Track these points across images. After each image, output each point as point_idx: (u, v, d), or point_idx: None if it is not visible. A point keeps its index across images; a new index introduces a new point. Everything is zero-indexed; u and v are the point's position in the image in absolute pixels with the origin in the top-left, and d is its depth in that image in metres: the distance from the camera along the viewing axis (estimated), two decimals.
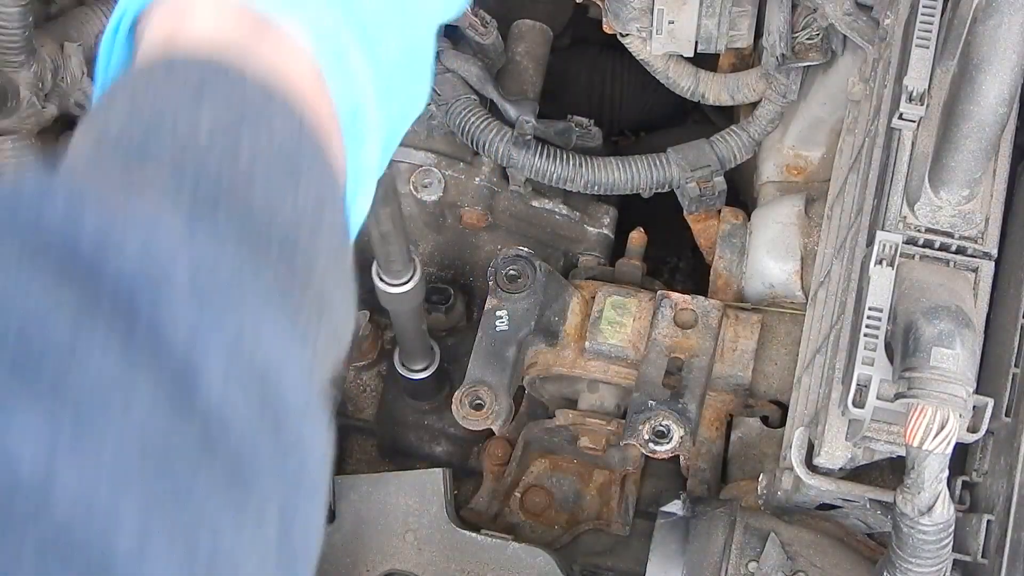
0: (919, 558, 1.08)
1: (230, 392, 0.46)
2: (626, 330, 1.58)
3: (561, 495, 1.73)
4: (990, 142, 1.11)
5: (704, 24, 1.59)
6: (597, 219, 1.82)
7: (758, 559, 1.31)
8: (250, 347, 0.48)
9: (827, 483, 1.25)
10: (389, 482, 1.65)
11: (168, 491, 0.42)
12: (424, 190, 1.70)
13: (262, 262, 0.50)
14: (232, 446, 0.45)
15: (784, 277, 1.65)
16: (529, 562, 1.58)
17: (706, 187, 1.67)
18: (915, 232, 1.18)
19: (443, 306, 1.72)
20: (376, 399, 1.83)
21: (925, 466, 1.04)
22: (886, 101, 1.29)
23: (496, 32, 1.75)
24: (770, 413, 1.61)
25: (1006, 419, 1.19)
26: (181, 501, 0.42)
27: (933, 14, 1.20)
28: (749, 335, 1.60)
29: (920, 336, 1.05)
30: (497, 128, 1.66)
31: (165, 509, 0.42)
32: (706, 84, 1.72)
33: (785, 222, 1.66)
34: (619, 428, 1.57)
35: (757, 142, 1.70)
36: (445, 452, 1.78)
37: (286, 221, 0.53)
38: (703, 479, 1.62)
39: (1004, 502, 1.16)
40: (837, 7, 1.46)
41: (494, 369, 1.54)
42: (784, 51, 1.56)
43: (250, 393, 0.47)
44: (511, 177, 1.73)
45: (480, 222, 1.74)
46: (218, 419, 0.45)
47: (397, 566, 1.61)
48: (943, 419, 1.02)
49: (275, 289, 0.50)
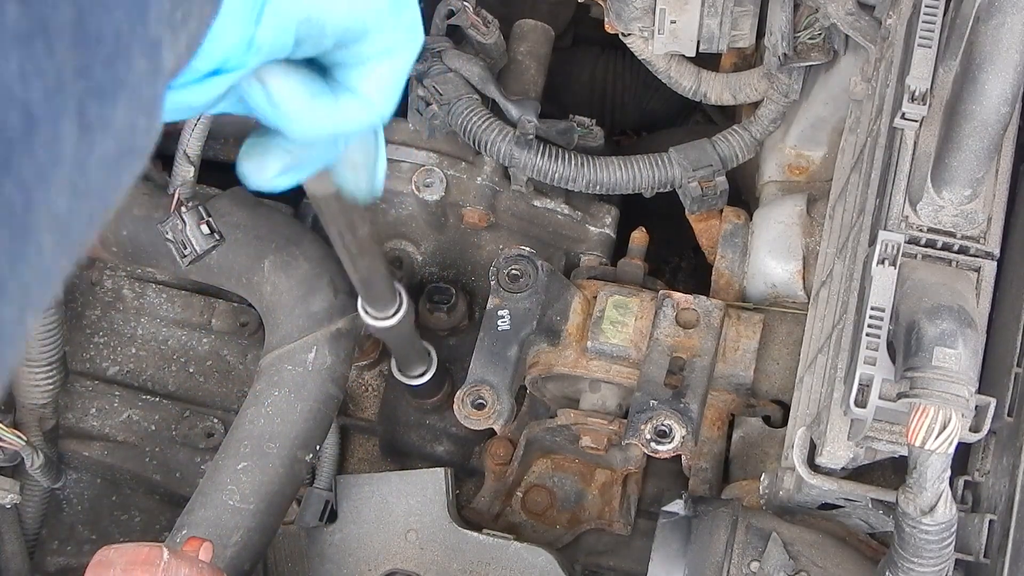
0: (921, 558, 1.08)
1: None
2: (628, 330, 1.58)
3: (563, 495, 1.73)
4: (992, 142, 1.11)
5: (706, 24, 1.59)
6: (599, 219, 1.82)
7: (760, 559, 1.31)
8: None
9: (829, 483, 1.25)
10: (391, 482, 1.65)
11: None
12: (426, 190, 1.71)
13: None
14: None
15: (786, 277, 1.65)
16: (531, 561, 1.58)
17: (708, 187, 1.67)
18: (917, 232, 1.18)
19: (445, 306, 1.73)
20: (378, 399, 1.84)
21: (927, 466, 1.04)
22: (888, 101, 1.29)
23: (498, 32, 1.75)
24: (772, 413, 1.61)
25: (1008, 419, 1.19)
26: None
27: (935, 14, 1.20)
28: (751, 335, 1.60)
29: (922, 336, 1.05)
30: (499, 128, 1.66)
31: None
32: (708, 84, 1.72)
33: (787, 222, 1.66)
34: (621, 428, 1.57)
35: (759, 142, 1.70)
36: (447, 452, 1.78)
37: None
38: (705, 479, 1.62)
39: (1006, 502, 1.16)
40: (839, 7, 1.46)
41: (496, 369, 1.54)
42: (786, 51, 1.56)
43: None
44: (513, 177, 1.73)
45: (482, 222, 1.74)
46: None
47: (399, 565, 1.61)
48: (945, 419, 1.02)
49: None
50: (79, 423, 1.80)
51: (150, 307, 1.86)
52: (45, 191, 0.46)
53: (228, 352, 1.85)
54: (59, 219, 0.47)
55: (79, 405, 1.81)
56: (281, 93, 0.72)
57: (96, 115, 0.48)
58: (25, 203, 0.44)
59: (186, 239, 1.51)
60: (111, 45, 0.48)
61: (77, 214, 0.49)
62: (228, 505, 1.51)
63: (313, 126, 0.73)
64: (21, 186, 0.44)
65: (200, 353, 1.85)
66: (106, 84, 0.48)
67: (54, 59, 0.45)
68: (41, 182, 0.45)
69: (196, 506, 1.52)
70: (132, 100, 0.50)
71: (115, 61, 0.48)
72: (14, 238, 0.44)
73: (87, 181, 0.48)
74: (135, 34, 0.49)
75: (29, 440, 1.65)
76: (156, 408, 1.80)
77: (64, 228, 0.48)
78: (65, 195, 0.47)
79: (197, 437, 1.78)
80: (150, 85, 0.51)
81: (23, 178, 0.44)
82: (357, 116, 0.73)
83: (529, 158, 1.66)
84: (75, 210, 0.48)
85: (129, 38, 0.49)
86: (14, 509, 1.75)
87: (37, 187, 0.45)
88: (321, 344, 1.58)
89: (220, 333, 1.84)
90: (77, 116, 0.46)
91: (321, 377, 1.58)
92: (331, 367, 1.59)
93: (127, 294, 1.87)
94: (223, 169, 1.89)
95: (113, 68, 0.48)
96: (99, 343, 1.86)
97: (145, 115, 0.51)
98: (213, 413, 1.80)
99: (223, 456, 1.55)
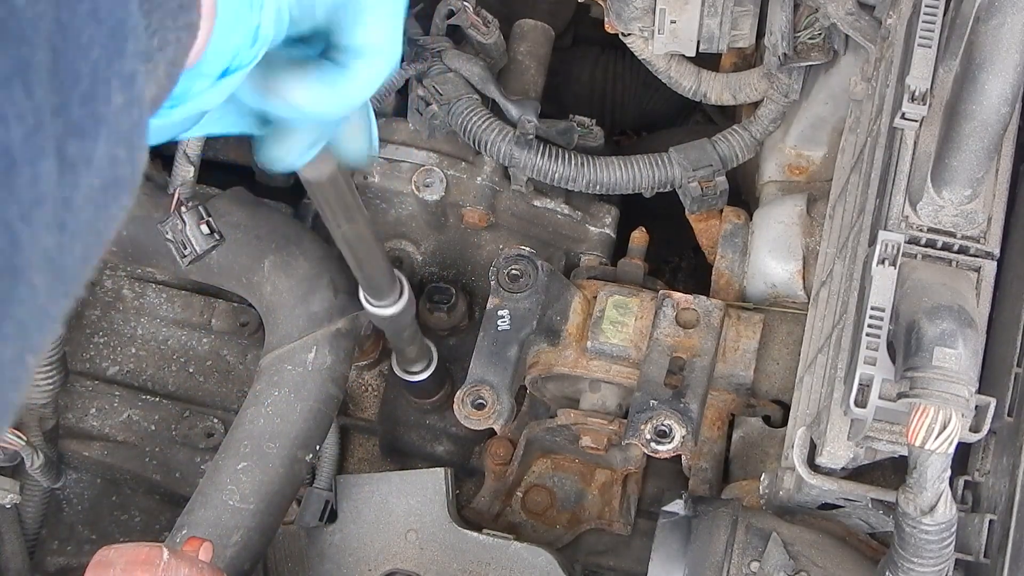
0: (921, 558, 1.08)
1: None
2: (628, 330, 1.58)
3: (563, 495, 1.73)
4: (992, 142, 1.11)
5: (706, 24, 1.59)
6: (599, 219, 1.82)
7: (760, 559, 1.31)
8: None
9: (829, 483, 1.25)
10: (391, 481, 1.65)
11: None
12: (426, 190, 1.71)
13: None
14: None
15: (786, 277, 1.65)
16: (531, 561, 1.58)
17: (708, 187, 1.67)
18: (917, 232, 1.18)
19: (445, 306, 1.73)
20: (378, 399, 1.84)
21: (927, 466, 1.04)
22: (888, 101, 1.29)
23: (498, 32, 1.75)
24: (772, 413, 1.61)
25: (1008, 419, 1.19)
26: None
27: (935, 13, 1.20)
28: (751, 335, 1.60)
29: (922, 336, 1.05)
30: (499, 128, 1.66)
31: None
32: (708, 84, 1.72)
33: (787, 222, 1.66)
34: (621, 428, 1.57)
35: (759, 142, 1.70)
36: (447, 451, 1.78)
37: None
38: (705, 479, 1.62)
39: (1006, 502, 1.16)
40: (839, 7, 1.46)
41: (496, 369, 1.54)
42: (786, 51, 1.56)
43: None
44: (513, 177, 1.73)
45: (482, 222, 1.74)
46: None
47: (399, 565, 1.61)
48: (945, 419, 1.02)
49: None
50: (79, 423, 1.80)
51: (150, 307, 1.86)
52: (31, 230, 0.46)
53: (228, 352, 1.85)
54: (50, 257, 0.47)
55: (79, 405, 1.81)
56: (299, 99, 0.73)
57: (76, 152, 0.48)
58: (11, 243, 0.44)
59: (186, 239, 1.50)
60: (88, 83, 0.48)
61: (69, 251, 0.49)
62: (228, 505, 1.51)
63: (339, 106, 0.75)
64: (5, 227, 0.44)
65: (200, 353, 1.85)
66: (85, 121, 0.48)
67: (32, 100, 0.45)
68: (25, 222, 0.45)
69: (196, 506, 1.52)
70: (112, 134, 0.50)
71: (93, 98, 0.48)
72: (3, 278, 0.44)
73: (75, 217, 0.49)
74: (112, 69, 0.49)
75: (29, 440, 1.65)
76: (156, 408, 1.80)
77: (56, 266, 0.48)
78: (53, 233, 0.47)
79: (197, 437, 1.78)
80: (128, 117, 0.51)
81: (7, 218, 0.44)
82: (374, 72, 0.74)
83: (529, 158, 1.66)
84: (66, 247, 0.48)
85: (107, 74, 0.49)
86: (14, 509, 1.75)
87: (22, 227, 0.45)
88: (321, 344, 1.58)
89: (220, 333, 1.84)
90: (56, 154, 0.47)
91: (321, 377, 1.58)
92: (331, 367, 1.59)
93: (127, 294, 1.87)
94: (223, 169, 1.89)
95: (91, 105, 0.48)
96: (99, 343, 1.86)
97: (125, 147, 0.51)
98: (213, 413, 1.80)
99: (223, 456, 1.55)
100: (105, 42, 0.49)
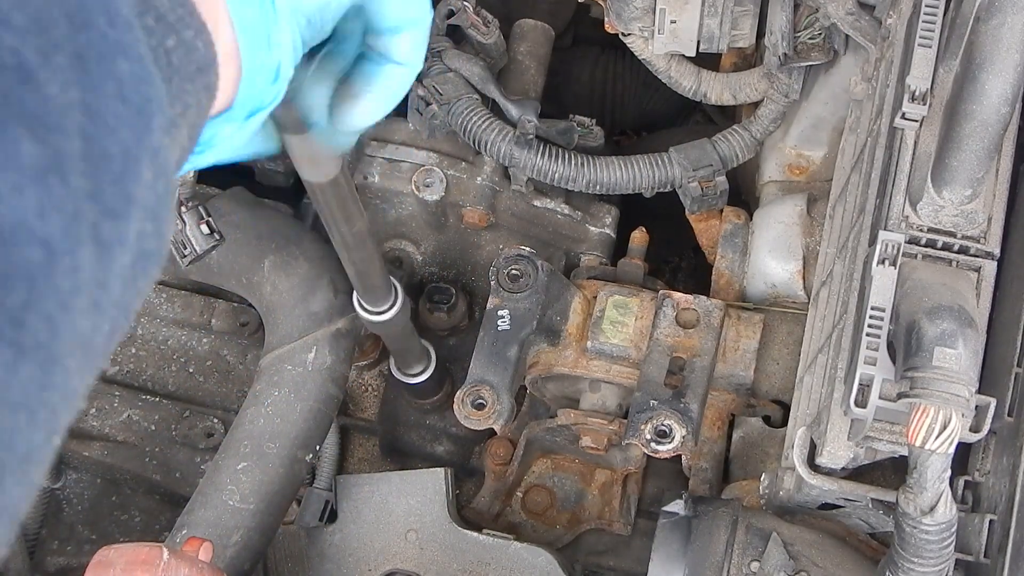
0: (921, 558, 1.08)
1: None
2: (628, 330, 1.58)
3: (563, 495, 1.73)
4: (993, 141, 1.11)
5: (706, 23, 1.59)
6: (599, 219, 1.82)
7: (760, 559, 1.31)
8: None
9: (829, 483, 1.25)
10: (391, 481, 1.65)
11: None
12: (426, 190, 1.70)
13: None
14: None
15: (786, 277, 1.65)
16: (531, 561, 1.58)
17: (708, 187, 1.67)
18: (917, 232, 1.18)
19: (445, 306, 1.73)
20: (378, 399, 1.84)
21: (927, 466, 1.04)
22: (888, 100, 1.29)
23: (498, 31, 1.75)
24: (772, 413, 1.61)
25: (1008, 419, 1.19)
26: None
27: (936, 13, 1.20)
28: (751, 335, 1.60)
29: (922, 336, 1.05)
30: (499, 128, 1.66)
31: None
32: (708, 84, 1.72)
33: (787, 222, 1.66)
34: (621, 428, 1.57)
35: (759, 142, 1.70)
36: (447, 451, 1.78)
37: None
38: (705, 479, 1.62)
39: (1007, 502, 1.16)
40: (839, 6, 1.46)
41: (496, 369, 1.54)
42: (786, 50, 1.56)
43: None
44: (513, 177, 1.73)
45: (482, 222, 1.74)
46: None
47: (399, 565, 1.61)
48: (945, 419, 1.02)
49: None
50: (79, 423, 1.80)
51: (150, 307, 1.86)
52: (69, 317, 0.45)
53: (228, 352, 1.85)
54: (83, 339, 0.47)
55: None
56: (372, 113, 0.77)
57: (111, 234, 0.48)
58: (50, 333, 0.44)
59: (186, 239, 1.50)
60: (119, 164, 0.48)
61: (99, 330, 0.49)
62: (228, 505, 1.51)
63: (402, 87, 0.77)
64: (46, 319, 0.44)
65: (200, 353, 1.85)
66: (117, 202, 0.48)
67: (69, 189, 0.45)
68: (64, 311, 0.45)
69: (196, 506, 1.52)
70: (140, 210, 0.50)
71: (124, 178, 0.48)
72: (43, 368, 0.44)
73: (108, 296, 0.48)
74: (141, 147, 0.50)
75: None
76: (156, 408, 1.80)
77: (87, 346, 0.48)
78: (88, 315, 0.47)
79: (197, 437, 1.78)
80: (154, 191, 0.51)
81: (47, 311, 0.44)
82: (418, 39, 0.76)
83: (529, 158, 1.66)
84: (97, 327, 0.48)
85: (136, 152, 0.49)
86: None
87: (61, 316, 0.45)
88: (321, 344, 1.58)
89: (220, 333, 1.84)
90: (93, 240, 0.46)
91: (321, 377, 1.58)
92: (331, 367, 1.59)
93: None
94: (223, 169, 1.89)
95: (122, 184, 0.48)
96: None
97: (152, 220, 0.51)
98: (213, 413, 1.80)
99: (223, 456, 1.55)
100: (133, 122, 0.49)
